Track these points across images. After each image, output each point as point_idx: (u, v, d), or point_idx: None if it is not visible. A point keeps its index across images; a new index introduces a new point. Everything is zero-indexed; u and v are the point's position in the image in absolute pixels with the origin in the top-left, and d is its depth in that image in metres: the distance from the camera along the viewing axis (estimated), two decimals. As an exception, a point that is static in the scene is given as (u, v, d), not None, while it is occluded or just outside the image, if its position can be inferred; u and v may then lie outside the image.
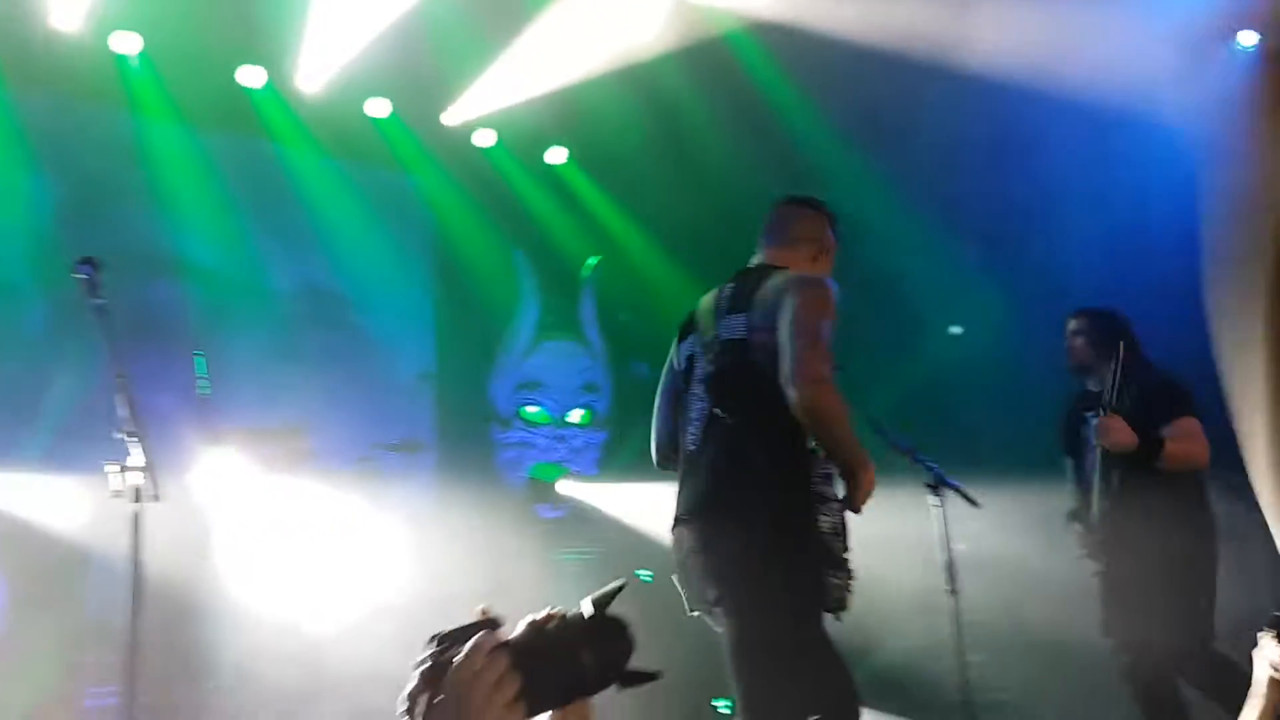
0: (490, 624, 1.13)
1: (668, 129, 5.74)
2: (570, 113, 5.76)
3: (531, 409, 6.72)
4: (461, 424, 6.48)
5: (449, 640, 1.12)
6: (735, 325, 2.83)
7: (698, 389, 2.87)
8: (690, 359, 2.94)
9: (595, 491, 6.38)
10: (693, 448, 2.84)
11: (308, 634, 4.39)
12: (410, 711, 1.09)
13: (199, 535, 4.43)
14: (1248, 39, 5.31)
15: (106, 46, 5.10)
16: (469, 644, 1.10)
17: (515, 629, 1.15)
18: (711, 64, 5.28)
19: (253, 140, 5.61)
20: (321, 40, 5.24)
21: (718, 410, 2.79)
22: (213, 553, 4.49)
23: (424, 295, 6.49)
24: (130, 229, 5.28)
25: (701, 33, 5.10)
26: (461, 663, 1.09)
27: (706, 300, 3.01)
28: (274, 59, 5.39)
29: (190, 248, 5.54)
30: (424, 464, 6.21)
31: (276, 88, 5.53)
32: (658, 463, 3.10)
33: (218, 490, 4.52)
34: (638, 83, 5.36)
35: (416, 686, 1.10)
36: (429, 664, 1.11)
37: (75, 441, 4.75)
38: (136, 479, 3.12)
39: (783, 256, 2.98)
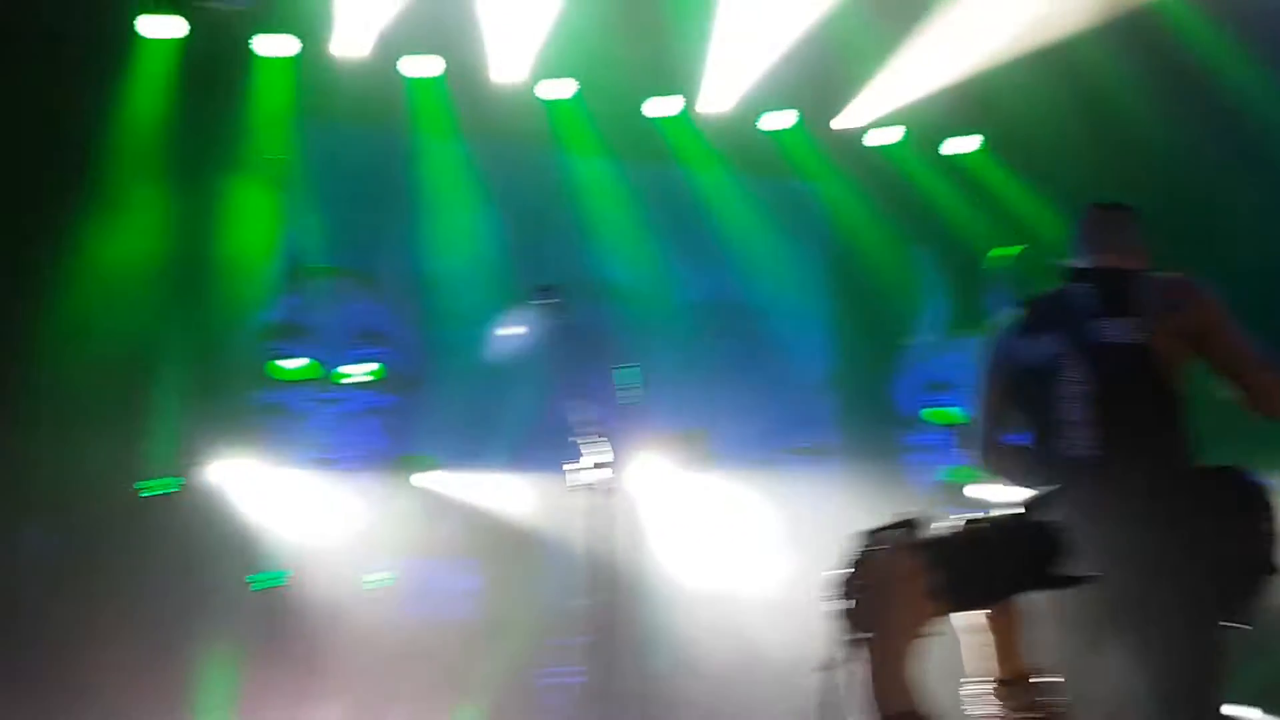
0: (914, 523, 1.25)
1: (1090, 106, 5.48)
2: (977, 101, 5.70)
3: (942, 410, 6.70)
4: (865, 426, 6.60)
5: (875, 536, 1.25)
6: (1119, 330, 2.81)
7: (1074, 390, 2.83)
8: (1057, 358, 2.89)
9: (1009, 494, 6.19)
10: (1081, 454, 2.80)
11: (738, 618, 4.73)
12: (838, 595, 1.24)
13: (636, 527, 4.93)
14: None
15: (540, 93, 5.82)
16: (890, 539, 1.23)
17: (940, 530, 1.24)
18: (1139, 34, 4.98)
19: (665, 166, 6.15)
20: (724, 65, 5.65)
21: (1126, 419, 2.77)
22: (647, 543, 4.98)
23: (824, 300, 6.72)
24: (565, 257, 5.95)
25: (1126, 1, 4.84)
26: (882, 555, 1.22)
27: (1053, 297, 3.00)
28: (683, 87, 5.88)
29: (614, 270, 6.17)
30: (829, 466, 6.40)
31: (686, 113, 6.03)
32: (984, 463, 3.06)
33: (647, 488, 5.01)
34: (1053, 62, 5.19)
35: (844, 575, 1.24)
36: (856, 556, 1.24)
37: (532, 446, 5.53)
38: (595, 476, 3.49)
39: (1129, 261, 2.96)
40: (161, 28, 5.19)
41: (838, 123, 6.20)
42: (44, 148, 4.83)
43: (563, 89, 5.82)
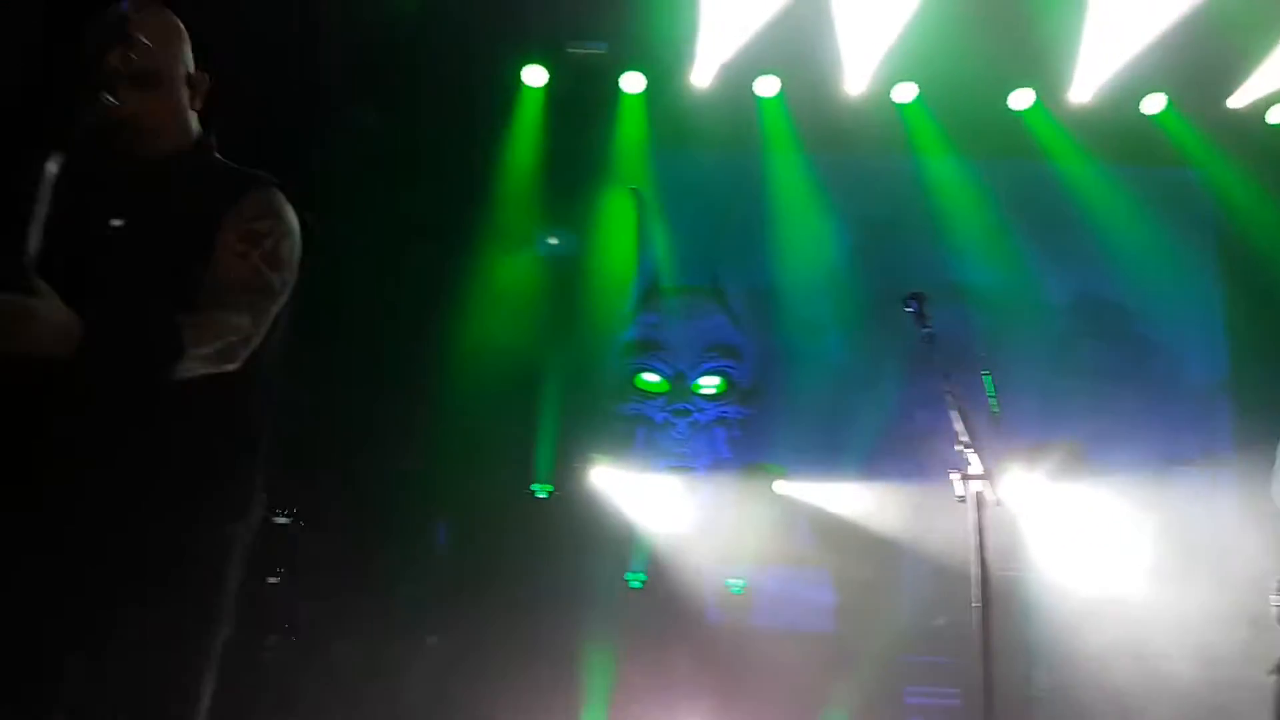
0: None
1: None
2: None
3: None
4: (1268, 436, 5.95)
5: None
6: None
7: None
8: None
9: None
10: None
11: (1127, 636, 4.48)
12: None
13: (1009, 541, 4.79)
14: None
15: (887, 100, 5.88)
16: None
17: None
18: None
19: (1023, 160, 5.99)
20: (1095, 51, 5.43)
21: None
22: (1022, 557, 4.82)
23: (1214, 295, 6.17)
24: (913, 262, 5.92)
25: None
26: None
27: None
28: (1041, 77, 5.72)
29: (969, 273, 6.06)
30: (1223, 480, 5.85)
31: (1044, 105, 5.85)
32: None
33: (1020, 500, 4.84)
34: None
35: None
36: None
37: (887, 455, 5.54)
38: (964, 486, 3.42)
39: None
40: (534, 76, 5.77)
41: (1230, 102, 5.67)
42: (449, 191, 5.62)
43: (910, 92, 5.79)
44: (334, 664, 5.08)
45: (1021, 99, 5.85)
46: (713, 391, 6.33)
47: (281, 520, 5.17)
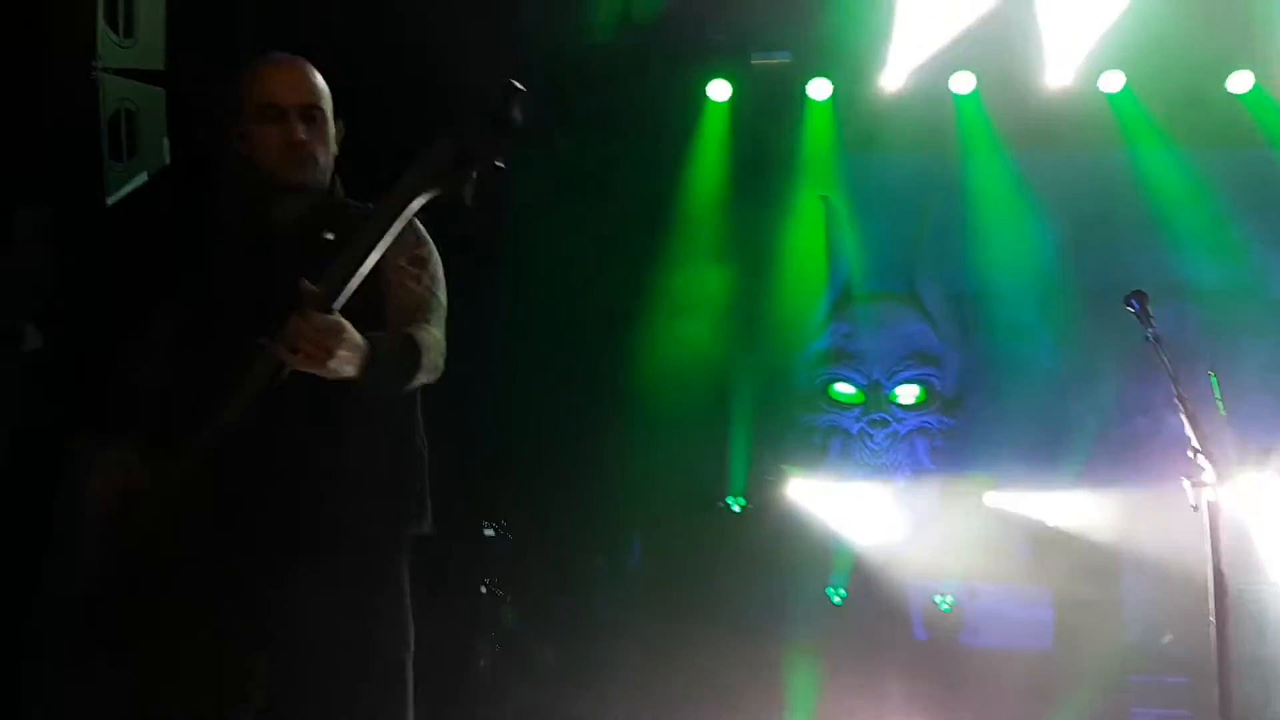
0: None
1: None
2: None
3: None
4: None
5: None
6: None
7: None
8: None
9: None
10: None
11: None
12: None
13: (1244, 552, 4.59)
14: None
15: (1093, 90, 5.77)
16: None
17: None
18: None
19: (1244, 147, 5.75)
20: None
21: None
22: (1259, 570, 4.61)
23: None
24: (1127, 260, 5.75)
25: None
26: None
27: None
28: (1261, 58, 5.51)
29: (1189, 268, 5.85)
30: None
31: (1264, 88, 5.63)
32: None
33: (1255, 508, 4.64)
34: None
35: None
36: None
37: (1105, 461, 5.39)
38: (1193, 493, 3.31)
39: None
40: (719, 90, 5.98)
41: None
42: (639, 206, 5.93)
43: (1118, 80, 5.70)
44: (539, 669, 5.39)
45: (1239, 82, 5.63)
46: (911, 401, 6.32)
47: (490, 533, 5.55)
